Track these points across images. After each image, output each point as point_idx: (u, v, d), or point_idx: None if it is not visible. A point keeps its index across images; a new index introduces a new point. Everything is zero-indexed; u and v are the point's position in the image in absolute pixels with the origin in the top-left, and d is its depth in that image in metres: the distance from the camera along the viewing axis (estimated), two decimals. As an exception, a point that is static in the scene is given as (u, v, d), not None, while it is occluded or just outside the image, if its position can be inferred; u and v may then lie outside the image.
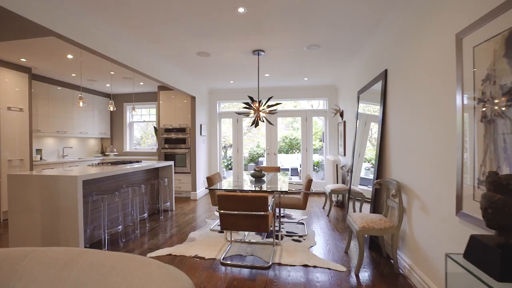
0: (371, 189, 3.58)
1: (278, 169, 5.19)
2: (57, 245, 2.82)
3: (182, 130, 5.97)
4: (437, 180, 1.98)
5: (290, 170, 9.75)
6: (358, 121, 4.17)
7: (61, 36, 2.55)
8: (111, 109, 4.24)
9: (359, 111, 4.16)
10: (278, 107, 6.78)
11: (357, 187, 4.23)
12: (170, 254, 2.96)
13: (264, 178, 3.98)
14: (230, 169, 7.97)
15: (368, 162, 4.24)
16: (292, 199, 3.80)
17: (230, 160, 8.44)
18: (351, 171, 4.32)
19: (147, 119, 7.24)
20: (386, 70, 3.05)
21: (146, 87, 6.33)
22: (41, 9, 2.36)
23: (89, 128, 6.27)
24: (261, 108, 3.84)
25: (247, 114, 4.06)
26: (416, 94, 2.32)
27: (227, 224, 2.67)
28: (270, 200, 3.40)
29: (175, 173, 5.97)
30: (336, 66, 4.64)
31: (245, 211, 2.56)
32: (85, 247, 3.18)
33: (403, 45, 2.58)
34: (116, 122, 7.09)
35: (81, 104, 3.59)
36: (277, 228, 3.77)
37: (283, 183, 3.63)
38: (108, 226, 3.54)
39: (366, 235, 2.90)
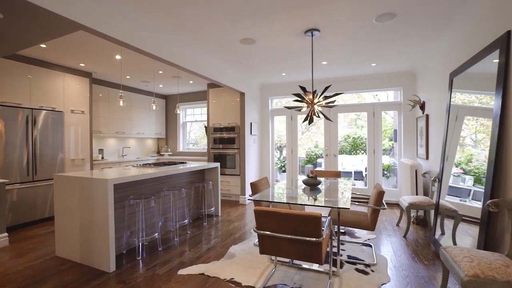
0: (464, 203, 2.61)
1: (338, 174, 4.35)
2: (91, 249, 2.67)
3: (231, 129, 5.62)
4: None
5: (353, 173, 8.60)
6: (449, 115, 3.09)
7: (88, 28, 2.35)
8: (154, 107, 4.12)
9: (451, 102, 3.06)
10: (339, 101, 5.87)
11: (445, 199, 3.19)
12: (203, 274, 2.52)
13: (320, 186, 3.25)
14: (284, 171, 7.35)
15: (457, 167, 3.18)
16: (356, 215, 2.98)
17: (284, 161, 7.81)
18: (440, 180, 3.24)
19: (200, 118, 7.17)
20: (509, 33, 2.00)
21: (196, 86, 6.21)
22: (65, 1, 2.17)
23: (145, 128, 6.47)
24: (315, 101, 3.12)
25: (299, 109, 3.39)
26: None
27: (267, 248, 2.07)
28: (326, 212, 2.67)
29: (224, 175, 5.67)
30: (417, 42, 3.57)
31: (290, 235, 1.93)
32: (122, 253, 3.00)
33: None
34: (170, 122, 7.22)
35: (121, 103, 3.50)
36: (334, 250, 3.00)
37: (344, 193, 2.85)
38: (147, 232, 3.33)
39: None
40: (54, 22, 2.27)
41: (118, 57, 4.04)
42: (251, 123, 5.68)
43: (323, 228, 1.92)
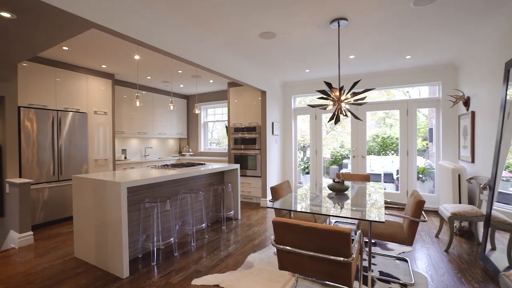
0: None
1: (367, 178, 3.98)
2: (106, 253, 2.60)
3: (252, 129, 5.42)
4: None
5: (382, 176, 8.04)
6: (505, 111, 2.63)
7: (99, 26, 2.26)
8: (171, 107, 4.03)
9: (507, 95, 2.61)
10: (367, 99, 5.45)
11: (494, 208, 2.77)
12: (217, 286, 2.34)
13: (348, 192, 2.94)
14: (308, 173, 7.02)
15: (506, 170, 2.82)
16: (390, 226, 2.63)
17: (308, 162, 7.47)
18: (492, 188, 2.79)
19: (221, 118, 7.06)
20: None
21: (217, 85, 6.09)
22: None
23: (167, 128, 6.48)
24: (343, 98, 2.82)
25: (324, 107, 3.10)
26: None
27: (287, 264, 1.84)
28: (354, 220, 2.37)
29: (245, 176, 5.49)
30: (462, 27, 3.11)
31: (314, 251, 1.67)
32: (137, 257, 2.92)
33: None
34: (192, 122, 7.19)
35: (137, 103, 3.44)
36: (365, 264, 2.68)
37: (375, 199, 2.52)
38: (163, 236, 3.23)
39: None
40: (66, 20, 2.21)
41: (137, 57, 4.01)
42: (272, 123, 5.44)
43: (352, 239, 1.64)
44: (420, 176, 5.75)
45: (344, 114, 2.87)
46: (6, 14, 2.11)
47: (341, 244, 1.58)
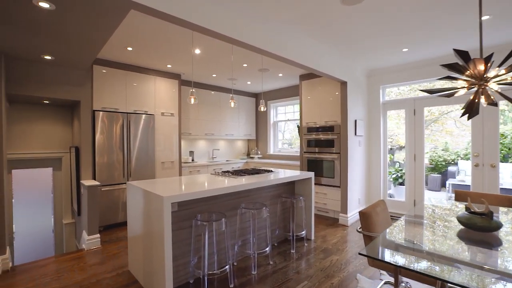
0: None
1: (510, 201, 2.59)
2: (151, 274, 2.20)
3: (329, 129, 4.50)
4: None
5: (516, 191, 5.81)
6: None
7: (138, 5, 1.83)
8: (232, 105, 3.50)
9: None
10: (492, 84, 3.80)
11: None
12: None
13: (498, 233, 1.78)
14: (401, 183, 5.58)
15: None
16: None
17: (401, 170, 5.99)
18: None
19: (292, 117, 6.31)
20: None
21: (287, 79, 5.37)
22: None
23: (234, 129, 6.13)
24: (491, 74, 1.69)
25: (449, 94, 2.00)
26: None
27: None
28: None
29: (320, 185, 4.60)
30: None
31: None
32: (188, 283, 2.45)
33: None
34: (261, 122, 6.66)
35: (192, 101, 3.01)
36: None
37: None
38: (219, 259, 2.69)
39: None
40: (104, 4, 1.86)
41: (197, 51, 3.65)
42: (355, 121, 4.39)
43: None
44: None
45: (493, 100, 1.73)
46: (45, 4, 1.89)
47: None
